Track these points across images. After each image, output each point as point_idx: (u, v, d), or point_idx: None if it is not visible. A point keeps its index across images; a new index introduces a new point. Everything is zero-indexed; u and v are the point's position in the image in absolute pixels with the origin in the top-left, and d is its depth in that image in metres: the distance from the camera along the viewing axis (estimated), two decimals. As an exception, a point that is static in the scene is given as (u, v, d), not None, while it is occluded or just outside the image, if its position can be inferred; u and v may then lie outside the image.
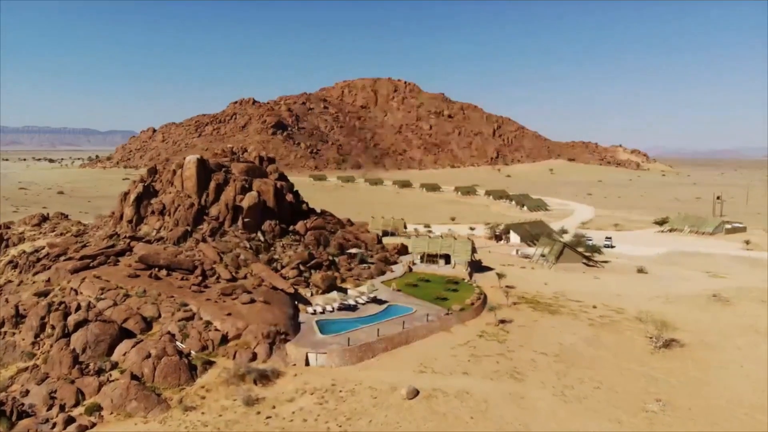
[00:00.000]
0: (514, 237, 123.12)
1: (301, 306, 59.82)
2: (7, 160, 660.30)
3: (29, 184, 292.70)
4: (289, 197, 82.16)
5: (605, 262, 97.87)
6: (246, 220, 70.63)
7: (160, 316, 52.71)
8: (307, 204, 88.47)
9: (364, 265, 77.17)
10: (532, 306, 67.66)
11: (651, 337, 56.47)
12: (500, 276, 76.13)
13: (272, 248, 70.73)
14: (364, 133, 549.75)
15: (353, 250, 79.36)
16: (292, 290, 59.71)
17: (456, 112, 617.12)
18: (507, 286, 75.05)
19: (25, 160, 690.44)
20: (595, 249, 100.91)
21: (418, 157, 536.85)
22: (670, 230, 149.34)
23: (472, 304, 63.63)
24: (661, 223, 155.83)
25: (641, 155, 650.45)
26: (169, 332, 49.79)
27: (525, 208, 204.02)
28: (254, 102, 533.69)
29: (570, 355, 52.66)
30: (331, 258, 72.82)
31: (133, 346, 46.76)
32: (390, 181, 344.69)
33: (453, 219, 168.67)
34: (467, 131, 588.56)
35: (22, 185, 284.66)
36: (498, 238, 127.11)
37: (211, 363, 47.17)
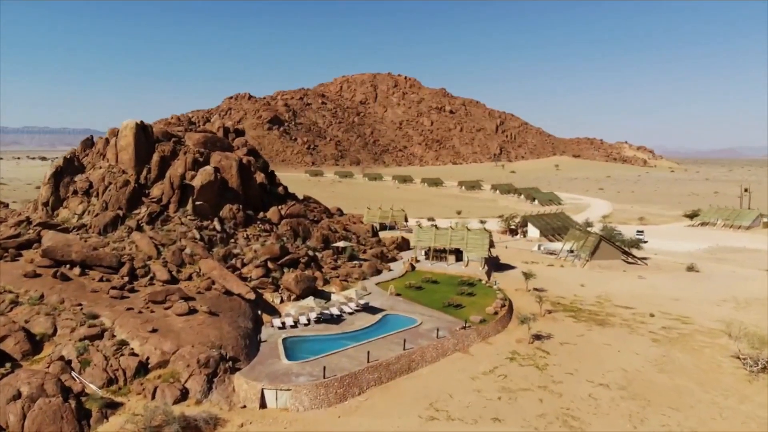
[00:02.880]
0: (533, 231, 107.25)
1: (265, 317, 44.30)
2: (1, 158, 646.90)
3: (11, 180, 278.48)
4: (260, 177, 65.47)
5: (645, 258, 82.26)
6: (198, 203, 53.98)
7: (55, 332, 36.96)
8: (285, 188, 71.80)
9: (355, 262, 61.45)
10: (573, 315, 52.11)
11: (744, 359, 41.55)
12: (527, 276, 60.17)
13: (233, 240, 54.41)
14: (364, 129, 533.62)
15: (341, 244, 63.47)
16: (252, 296, 43.88)
17: (458, 107, 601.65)
18: (536, 289, 59.33)
19: (18, 158, 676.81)
20: (634, 244, 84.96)
21: (419, 153, 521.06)
22: (701, 224, 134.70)
23: (496, 313, 48.08)
24: (692, 216, 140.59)
25: (647, 152, 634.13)
26: (61, 357, 34.08)
27: (536, 202, 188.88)
28: (250, 97, 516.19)
29: (640, 386, 37.88)
30: (311, 253, 56.60)
31: (-3, 382, 30.99)
32: (390, 176, 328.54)
33: (459, 213, 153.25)
34: (469, 127, 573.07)
35: (2, 181, 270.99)
36: (513, 232, 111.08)
37: (116, 406, 31.56)
